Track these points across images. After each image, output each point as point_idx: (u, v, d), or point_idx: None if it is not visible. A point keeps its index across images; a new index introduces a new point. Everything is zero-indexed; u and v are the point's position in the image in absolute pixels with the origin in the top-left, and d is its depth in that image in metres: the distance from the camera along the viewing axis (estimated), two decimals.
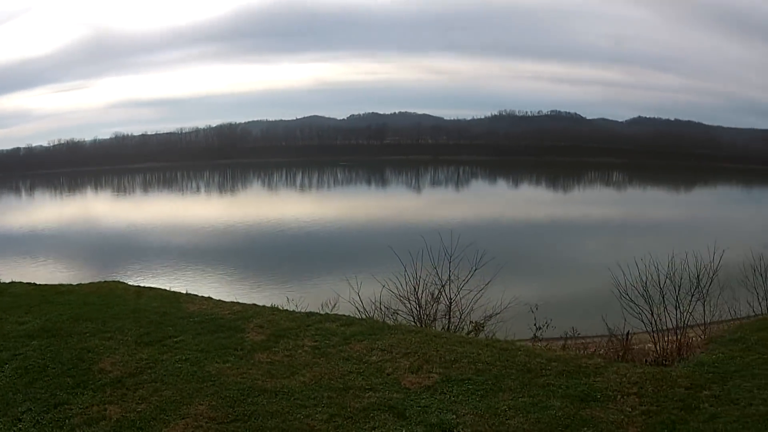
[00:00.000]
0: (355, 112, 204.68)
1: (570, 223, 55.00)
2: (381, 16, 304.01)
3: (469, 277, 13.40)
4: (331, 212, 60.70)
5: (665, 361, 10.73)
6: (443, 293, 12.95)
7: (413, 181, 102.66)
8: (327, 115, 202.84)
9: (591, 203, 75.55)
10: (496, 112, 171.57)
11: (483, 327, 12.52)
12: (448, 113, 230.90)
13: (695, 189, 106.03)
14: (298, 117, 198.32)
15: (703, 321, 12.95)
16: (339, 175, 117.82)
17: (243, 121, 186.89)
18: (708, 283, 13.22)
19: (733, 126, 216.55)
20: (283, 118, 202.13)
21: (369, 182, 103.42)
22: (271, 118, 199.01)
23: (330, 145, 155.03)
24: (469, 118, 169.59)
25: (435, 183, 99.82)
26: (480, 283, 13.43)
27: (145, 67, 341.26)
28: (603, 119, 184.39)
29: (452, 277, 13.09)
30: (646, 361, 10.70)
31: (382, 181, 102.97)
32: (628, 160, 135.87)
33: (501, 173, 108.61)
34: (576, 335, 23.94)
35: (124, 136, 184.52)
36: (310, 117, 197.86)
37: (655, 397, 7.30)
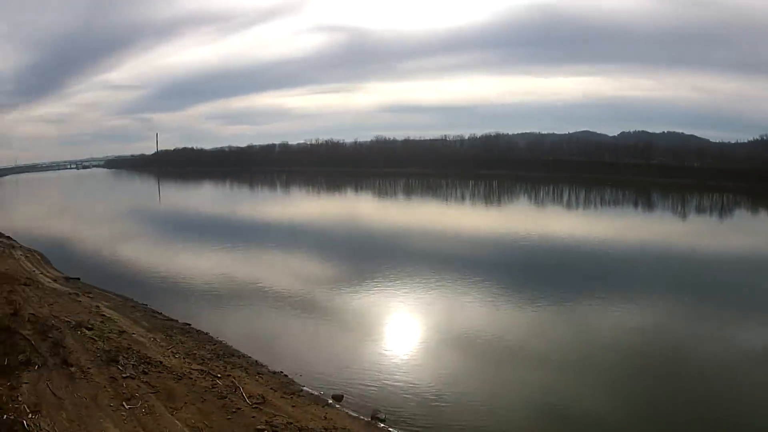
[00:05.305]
0: (626, 129, 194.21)
1: None
2: (646, 27, 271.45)
3: None
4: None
5: None
6: None
7: (678, 207, 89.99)
8: (597, 131, 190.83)
9: None
10: (757, 136, 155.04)
11: None
12: (711, 135, 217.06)
13: None
14: (570, 131, 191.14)
15: None
16: (606, 195, 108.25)
17: (510, 133, 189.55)
18: None
19: None
20: (555, 132, 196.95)
21: (635, 205, 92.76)
22: (543, 131, 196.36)
23: (597, 162, 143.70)
24: (732, 141, 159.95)
25: (700, 211, 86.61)
26: None
27: (412, 73, 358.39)
28: None
29: None
30: None
31: (648, 205, 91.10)
32: None
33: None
34: None
35: (385, 139, 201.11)
36: (581, 132, 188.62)
37: None
